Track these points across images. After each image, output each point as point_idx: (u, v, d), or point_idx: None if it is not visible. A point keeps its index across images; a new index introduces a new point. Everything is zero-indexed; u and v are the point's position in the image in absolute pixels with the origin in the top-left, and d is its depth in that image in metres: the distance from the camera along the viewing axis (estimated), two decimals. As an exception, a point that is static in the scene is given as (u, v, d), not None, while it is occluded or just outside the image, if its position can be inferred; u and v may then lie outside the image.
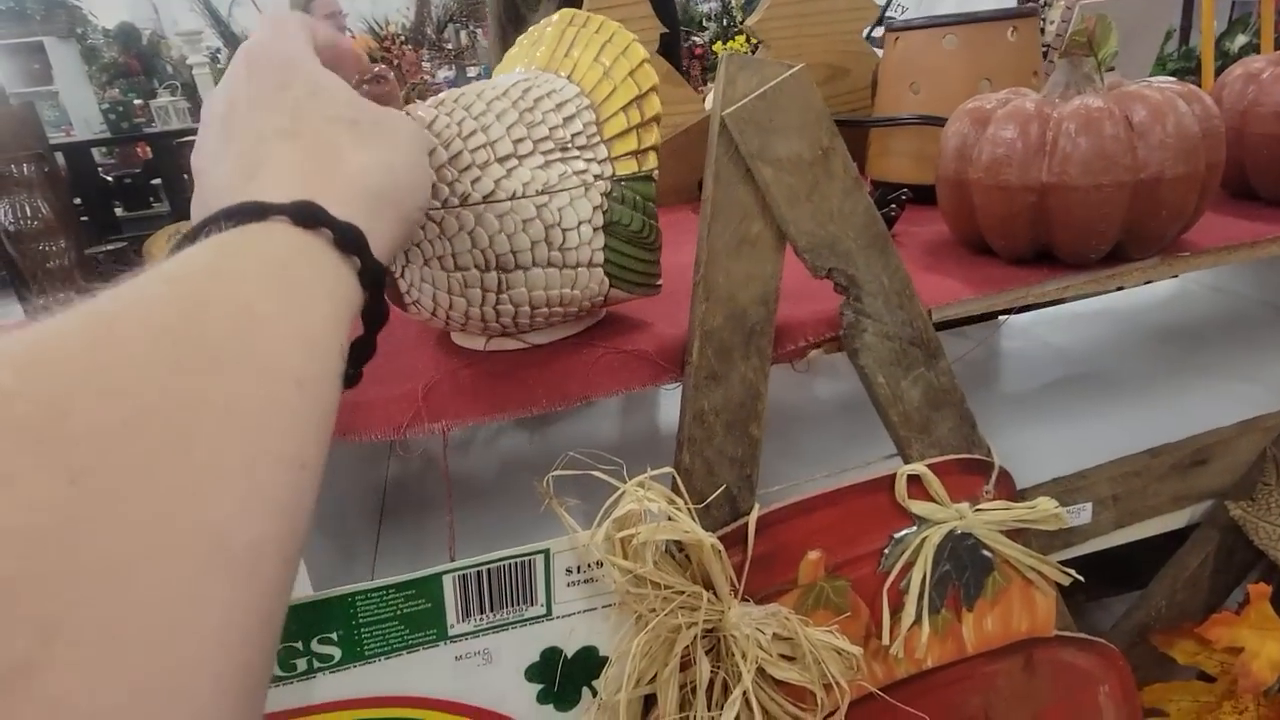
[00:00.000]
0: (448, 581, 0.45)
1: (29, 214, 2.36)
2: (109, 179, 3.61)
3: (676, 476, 0.50)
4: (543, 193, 0.48)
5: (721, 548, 0.49)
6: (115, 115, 3.28)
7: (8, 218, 2.29)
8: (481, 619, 0.47)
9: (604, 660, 0.51)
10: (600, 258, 0.50)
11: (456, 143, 0.48)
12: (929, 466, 0.54)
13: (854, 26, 0.93)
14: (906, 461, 0.54)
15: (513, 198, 0.47)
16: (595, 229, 0.49)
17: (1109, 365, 0.93)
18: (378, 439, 0.47)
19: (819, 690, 0.52)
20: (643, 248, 0.52)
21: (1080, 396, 0.85)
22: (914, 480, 0.54)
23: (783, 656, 0.52)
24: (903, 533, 0.55)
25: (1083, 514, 0.63)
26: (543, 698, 0.50)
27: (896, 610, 0.55)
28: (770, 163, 0.48)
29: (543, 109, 0.50)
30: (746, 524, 0.52)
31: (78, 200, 2.72)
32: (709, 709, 0.49)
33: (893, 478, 0.54)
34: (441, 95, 0.50)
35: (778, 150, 0.48)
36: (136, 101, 3.28)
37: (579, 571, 0.48)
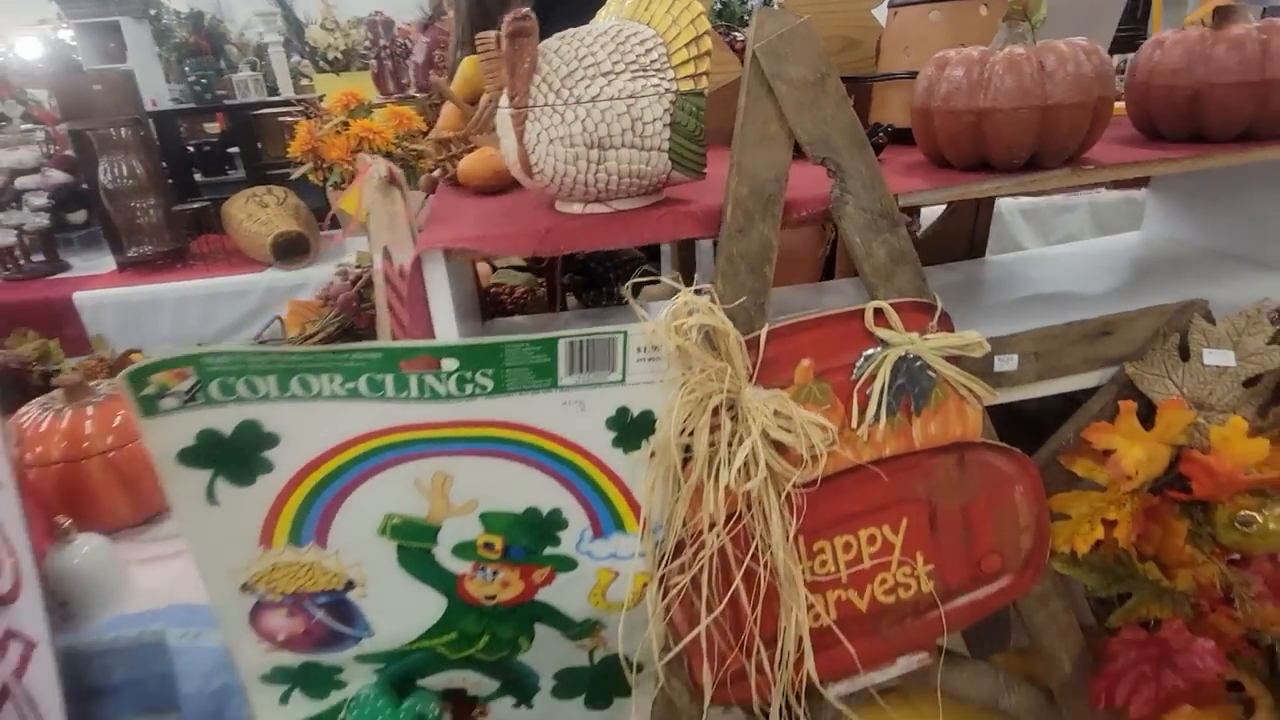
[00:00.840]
0: (562, 345, 0.69)
1: (125, 173, 2.61)
2: (189, 147, 3.89)
3: (714, 294, 0.73)
4: (630, 97, 0.71)
5: (741, 339, 0.72)
6: (200, 88, 3.57)
7: (106, 176, 2.54)
8: (580, 377, 0.71)
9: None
10: (666, 145, 0.74)
11: (573, 61, 0.72)
12: (890, 304, 0.77)
13: (864, 6, 1.16)
14: (873, 299, 0.77)
15: (611, 99, 0.71)
16: (664, 125, 0.73)
17: (1069, 289, 1.15)
18: (516, 253, 0.71)
19: (805, 453, 0.75)
20: (694, 141, 0.75)
21: (1039, 306, 1.06)
22: (879, 314, 0.77)
23: (781, 428, 0.75)
24: (870, 351, 0.78)
25: (1010, 363, 0.86)
26: (615, 442, 0.74)
27: (863, 409, 0.78)
28: (785, 81, 0.71)
29: (631, 43, 0.73)
30: (759, 335, 0.75)
31: (163, 164, 3.00)
32: (729, 449, 0.72)
33: (864, 310, 0.77)
34: (565, 32, 0.74)
35: (790, 73, 0.71)
36: (205, 78, 3.58)
37: (646, 351, 0.72)
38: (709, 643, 0.78)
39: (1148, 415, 0.87)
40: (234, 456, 0.68)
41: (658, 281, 0.72)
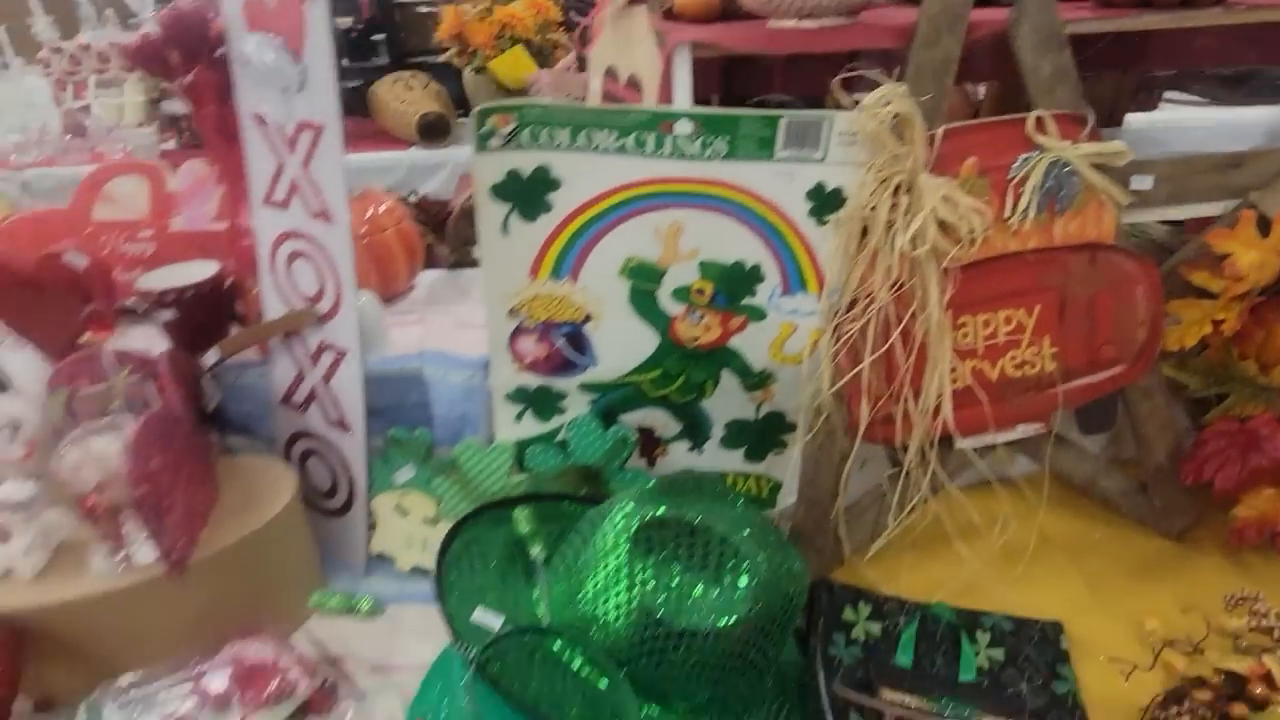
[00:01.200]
0: (782, 122, 0.87)
1: (289, 53, 2.82)
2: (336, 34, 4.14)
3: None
4: (850, -77, 0.87)
5: (925, 129, 0.89)
6: (348, -26, 3.76)
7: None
8: (792, 152, 0.89)
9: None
10: (873, -32, 0.89)
11: (806, -107, 0.88)
12: (1050, 115, 0.92)
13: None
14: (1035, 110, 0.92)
15: (835, -76, 0.87)
16: (873, -51, 0.89)
17: (1204, 147, 1.25)
18: (747, 49, 0.89)
19: (964, 235, 0.92)
20: (896, -33, 0.91)
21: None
22: (1039, 122, 0.92)
23: (946, 210, 0.92)
24: (1027, 155, 0.93)
25: (1146, 183, 0.99)
26: (811, 212, 0.93)
27: (1015, 204, 0.94)
28: (982, -87, 0.86)
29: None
30: (936, 132, 0.91)
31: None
32: (903, 220, 0.90)
33: (1025, 119, 0.92)
34: None
35: (987, -94, 0.86)
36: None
37: (845, 135, 0.89)
38: (867, 387, 0.97)
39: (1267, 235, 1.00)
40: (527, 195, 0.90)
41: (862, 78, 0.88)
